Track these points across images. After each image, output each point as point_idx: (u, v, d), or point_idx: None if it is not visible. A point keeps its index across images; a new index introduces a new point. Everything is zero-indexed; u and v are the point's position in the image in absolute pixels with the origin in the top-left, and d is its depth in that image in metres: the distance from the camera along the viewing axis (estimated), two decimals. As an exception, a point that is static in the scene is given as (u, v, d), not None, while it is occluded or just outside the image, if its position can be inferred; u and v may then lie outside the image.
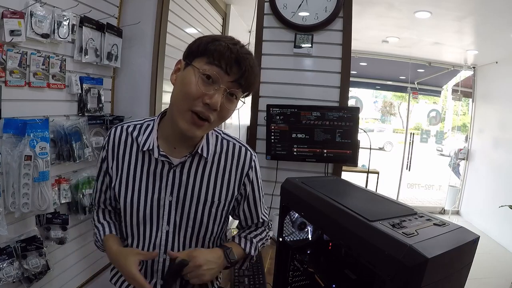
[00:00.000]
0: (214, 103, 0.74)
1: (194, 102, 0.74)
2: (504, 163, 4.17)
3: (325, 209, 0.75)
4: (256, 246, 0.96)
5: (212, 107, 0.74)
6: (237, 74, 0.76)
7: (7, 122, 1.16)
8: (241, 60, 0.75)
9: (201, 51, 0.76)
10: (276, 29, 1.83)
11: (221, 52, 0.74)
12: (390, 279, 0.55)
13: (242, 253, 0.94)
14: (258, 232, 1.00)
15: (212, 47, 0.75)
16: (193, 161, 0.87)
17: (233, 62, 0.75)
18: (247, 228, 1.02)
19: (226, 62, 0.74)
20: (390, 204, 0.77)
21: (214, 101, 0.74)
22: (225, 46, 0.75)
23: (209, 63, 0.74)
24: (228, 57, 0.74)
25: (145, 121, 0.90)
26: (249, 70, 0.76)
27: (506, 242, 3.98)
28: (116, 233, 0.93)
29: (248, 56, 0.77)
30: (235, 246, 0.93)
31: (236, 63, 0.75)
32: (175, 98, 0.79)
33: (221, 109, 0.77)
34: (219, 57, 0.74)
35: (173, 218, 0.86)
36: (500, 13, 2.73)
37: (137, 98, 1.92)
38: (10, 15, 1.14)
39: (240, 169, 0.91)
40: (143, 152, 0.86)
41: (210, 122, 0.77)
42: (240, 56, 0.75)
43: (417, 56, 4.89)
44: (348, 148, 1.71)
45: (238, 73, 0.76)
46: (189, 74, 0.76)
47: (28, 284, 1.26)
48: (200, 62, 0.75)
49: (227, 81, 0.75)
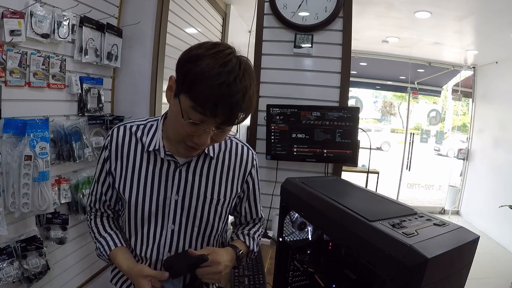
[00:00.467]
0: (202, 143, 0.75)
1: (185, 139, 0.77)
2: (504, 163, 4.17)
3: (325, 209, 0.75)
4: (258, 242, 1.01)
5: (201, 146, 0.76)
6: (225, 115, 0.69)
7: (7, 122, 1.16)
8: (229, 100, 0.67)
9: (187, 86, 0.69)
10: (276, 29, 1.83)
11: (206, 96, 0.67)
12: (390, 279, 0.55)
13: (246, 251, 0.97)
14: (256, 229, 1.04)
15: (198, 87, 0.67)
16: (199, 160, 0.88)
17: (219, 105, 0.67)
18: (245, 225, 1.05)
19: (210, 109, 0.68)
20: (390, 204, 0.77)
21: (201, 141, 0.74)
22: (212, 86, 0.66)
23: (193, 108, 0.68)
24: (214, 103, 0.67)
25: (148, 122, 0.90)
26: (240, 106, 0.70)
27: (506, 242, 3.98)
28: (122, 244, 0.91)
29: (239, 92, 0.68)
30: (241, 244, 0.95)
31: (223, 104, 0.68)
32: (169, 123, 0.82)
33: (213, 140, 0.77)
34: (203, 103, 0.67)
35: (179, 217, 0.87)
36: (500, 13, 2.73)
37: (137, 98, 1.92)
38: (10, 15, 1.14)
39: (243, 167, 0.93)
40: (148, 152, 0.86)
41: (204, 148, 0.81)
42: (228, 100, 0.67)
43: (417, 56, 4.89)
44: (348, 148, 1.71)
45: (225, 113, 0.69)
46: (177, 111, 0.72)
47: (28, 284, 1.26)
48: (185, 100, 0.70)
49: (213, 123, 0.71)
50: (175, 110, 0.73)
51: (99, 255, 0.91)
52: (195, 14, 2.48)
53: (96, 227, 0.94)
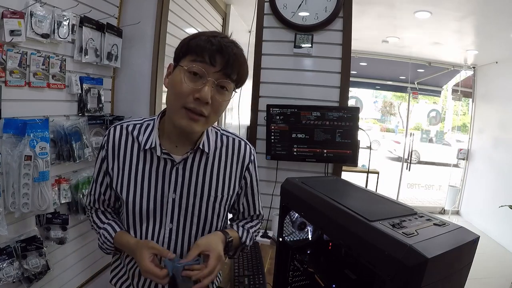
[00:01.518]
0: (204, 96, 0.75)
1: (185, 100, 0.76)
2: (504, 163, 4.17)
3: (325, 209, 0.75)
4: (252, 237, 0.99)
5: (203, 100, 0.75)
6: (222, 64, 0.76)
7: (7, 122, 1.16)
8: (223, 49, 0.76)
9: (184, 51, 0.78)
10: (276, 29, 1.83)
11: (201, 46, 0.75)
12: (390, 279, 0.55)
13: (237, 242, 0.95)
14: (253, 224, 1.03)
15: (193, 43, 0.77)
16: (195, 157, 0.88)
17: (215, 53, 0.75)
18: (243, 219, 1.04)
19: (208, 54, 0.75)
20: (390, 204, 0.77)
21: (203, 94, 0.75)
22: (205, 40, 0.76)
23: (193, 60, 0.76)
24: (209, 49, 0.75)
25: (145, 121, 0.90)
26: (233, 57, 0.77)
27: (506, 242, 3.98)
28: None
29: (230, 44, 0.78)
30: (233, 232, 0.93)
31: (219, 53, 0.75)
32: (168, 100, 0.81)
33: (213, 102, 0.77)
34: (201, 51, 0.75)
35: (177, 216, 0.87)
36: (500, 13, 2.73)
37: (137, 98, 1.92)
38: (10, 15, 1.14)
39: (240, 163, 0.93)
40: (144, 151, 0.86)
41: (205, 116, 0.78)
42: (221, 45, 0.76)
43: (417, 56, 4.89)
44: (348, 148, 1.71)
45: (222, 62, 0.76)
46: (177, 74, 0.78)
47: (28, 284, 1.26)
48: (185, 61, 0.77)
49: (213, 72, 0.76)
50: (176, 76, 0.78)
51: (103, 243, 0.89)
52: (195, 14, 2.48)
53: (98, 218, 0.94)
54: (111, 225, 0.91)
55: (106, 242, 0.89)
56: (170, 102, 0.80)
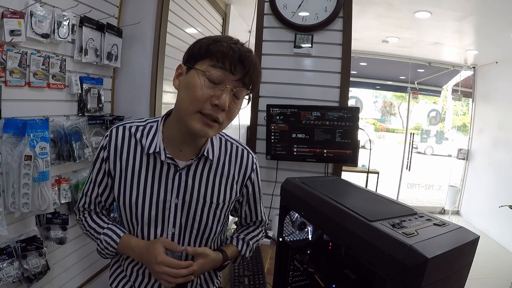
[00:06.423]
0: (222, 103, 0.74)
1: (202, 105, 0.75)
2: (504, 163, 4.17)
3: (325, 209, 0.75)
4: (252, 248, 1.00)
5: (221, 107, 0.75)
6: (242, 73, 0.76)
7: (7, 122, 1.16)
8: (244, 58, 0.76)
9: (203, 54, 0.76)
10: (276, 29, 1.83)
11: (224, 52, 0.75)
12: (390, 279, 0.55)
13: (236, 255, 0.97)
14: (255, 234, 1.03)
15: (214, 48, 0.75)
16: (199, 163, 0.87)
17: (237, 62, 0.75)
18: (245, 227, 1.05)
19: (230, 62, 0.75)
20: (390, 204, 0.77)
21: (222, 101, 0.74)
22: (227, 47, 0.75)
23: (213, 65, 0.75)
24: (231, 56, 0.75)
25: (148, 123, 0.88)
26: (252, 67, 0.77)
27: (506, 242, 3.98)
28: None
29: (250, 54, 0.78)
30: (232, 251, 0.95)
31: (240, 62, 0.75)
32: (182, 102, 0.78)
33: (229, 109, 0.77)
34: (223, 58, 0.75)
35: (179, 220, 0.86)
36: (500, 13, 2.73)
37: (137, 98, 1.92)
38: (10, 15, 1.14)
39: (243, 171, 0.93)
40: (148, 154, 0.85)
41: (220, 122, 0.78)
42: (242, 54, 0.76)
43: (417, 56, 4.89)
44: (348, 148, 1.71)
45: (242, 72, 0.76)
46: (194, 78, 0.76)
47: (28, 284, 1.26)
48: (203, 65, 0.76)
49: (232, 80, 0.76)
50: (192, 79, 0.76)
51: (104, 248, 0.87)
52: (195, 14, 2.48)
53: (95, 223, 0.90)
54: (111, 229, 0.88)
55: (108, 247, 0.87)
56: (184, 105, 0.78)
